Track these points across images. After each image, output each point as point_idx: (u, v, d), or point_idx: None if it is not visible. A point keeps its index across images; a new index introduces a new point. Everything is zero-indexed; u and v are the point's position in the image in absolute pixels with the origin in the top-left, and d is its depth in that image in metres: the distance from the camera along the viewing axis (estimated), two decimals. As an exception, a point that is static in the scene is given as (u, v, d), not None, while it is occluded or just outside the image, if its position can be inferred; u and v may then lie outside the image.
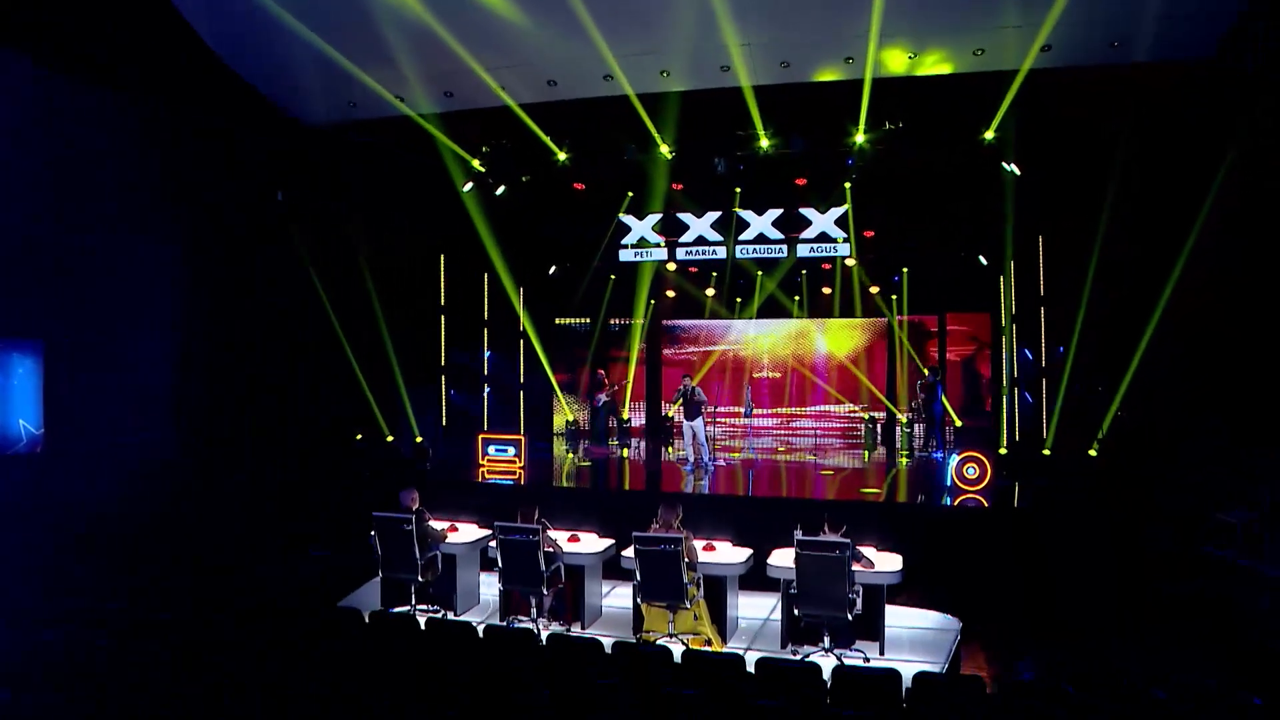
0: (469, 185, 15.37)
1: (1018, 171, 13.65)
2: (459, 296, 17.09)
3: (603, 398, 17.60)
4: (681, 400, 14.49)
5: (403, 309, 15.22)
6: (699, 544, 8.55)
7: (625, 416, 19.87)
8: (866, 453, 18.93)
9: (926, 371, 16.32)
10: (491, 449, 14.77)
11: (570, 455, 17.82)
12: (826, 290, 20.47)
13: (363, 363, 14.56)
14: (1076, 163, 12.49)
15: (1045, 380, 13.92)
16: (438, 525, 9.27)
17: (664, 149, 14.13)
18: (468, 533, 9.72)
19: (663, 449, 18.82)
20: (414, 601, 8.99)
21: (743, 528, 9.62)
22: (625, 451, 17.98)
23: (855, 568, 7.63)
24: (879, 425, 20.80)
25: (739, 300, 20.97)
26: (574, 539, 9.23)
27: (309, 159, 14.05)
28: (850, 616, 7.59)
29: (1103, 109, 11.86)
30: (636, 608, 8.52)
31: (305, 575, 10.85)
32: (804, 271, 19.54)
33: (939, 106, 12.82)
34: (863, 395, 20.80)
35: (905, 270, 18.57)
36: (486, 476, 14.26)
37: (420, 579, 8.69)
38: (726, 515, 10.05)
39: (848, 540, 7.68)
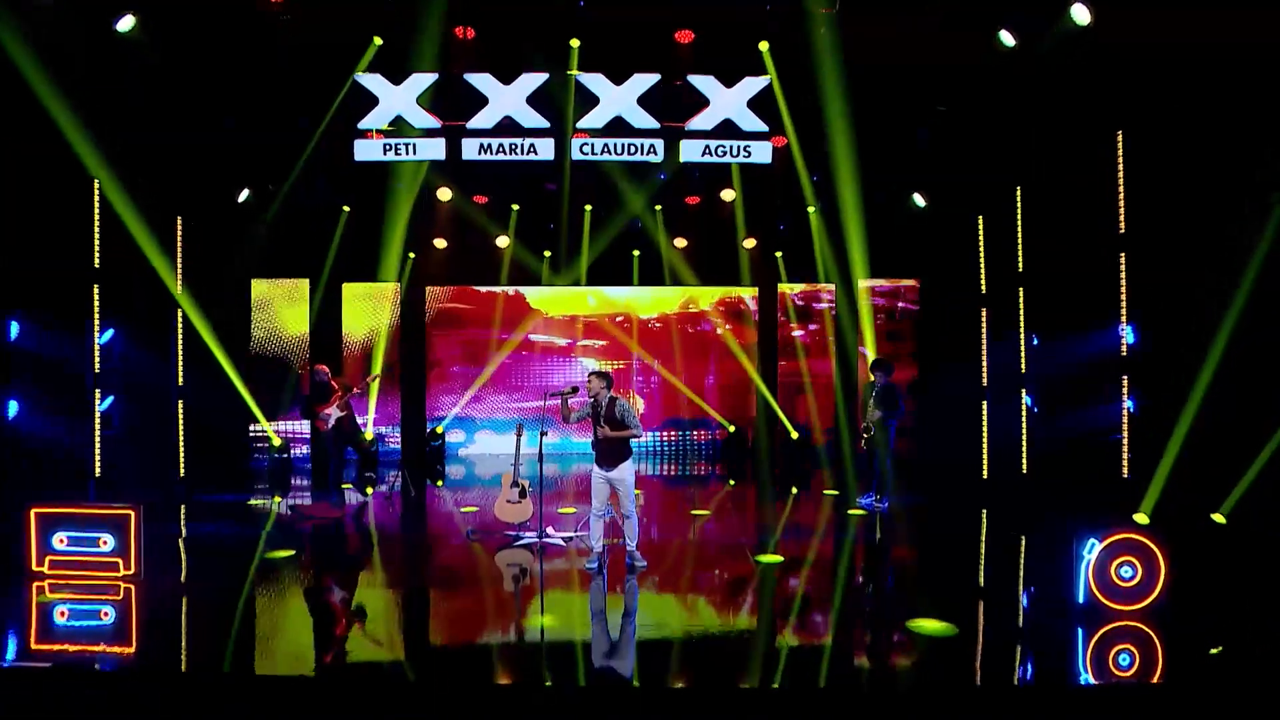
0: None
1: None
2: (35, 222, 8.52)
3: (332, 414, 9.72)
4: (596, 426, 6.59)
5: None
6: None
7: (370, 438, 12.18)
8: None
9: (875, 374, 9.64)
10: (60, 540, 6.68)
11: (268, 503, 10.23)
12: (681, 242, 13.83)
13: None
14: None
15: (1121, 378, 8.03)
16: None
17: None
18: None
19: (429, 486, 11.78)
20: None
21: None
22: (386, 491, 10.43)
23: None
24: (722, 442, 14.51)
25: (548, 254, 13.89)
26: None
27: None
28: None
29: None
30: None
31: None
32: (659, 208, 12.79)
33: None
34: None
35: (811, 210, 12.30)
36: (50, 595, 6.28)
37: None
38: None
39: None
